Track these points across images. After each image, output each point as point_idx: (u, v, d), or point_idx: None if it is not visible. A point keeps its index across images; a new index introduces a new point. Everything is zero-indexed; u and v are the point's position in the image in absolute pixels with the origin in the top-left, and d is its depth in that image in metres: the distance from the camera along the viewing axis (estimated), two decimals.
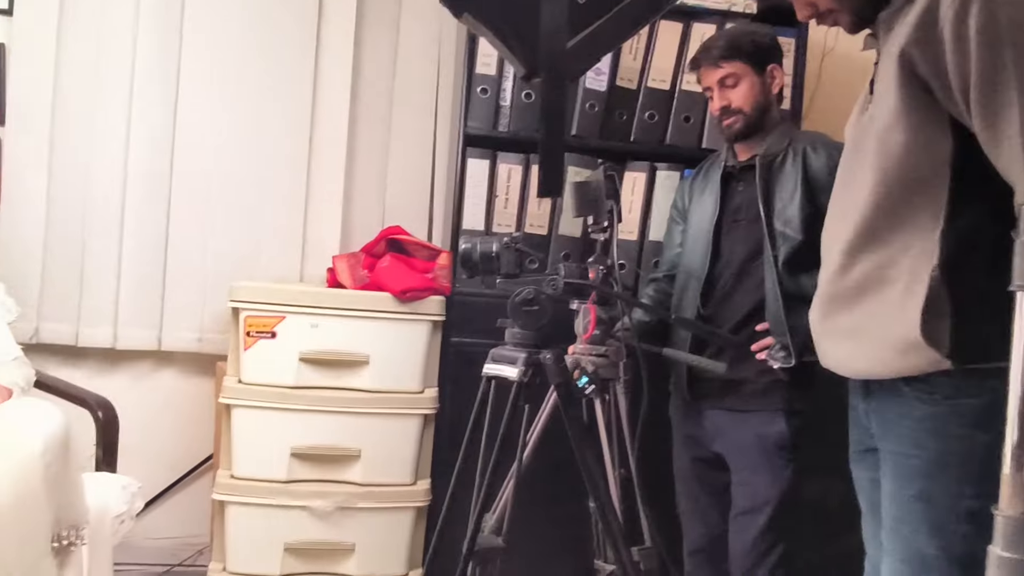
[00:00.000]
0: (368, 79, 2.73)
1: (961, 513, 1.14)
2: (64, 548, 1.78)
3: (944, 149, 1.17)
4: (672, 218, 2.23)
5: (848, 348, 1.29)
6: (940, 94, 1.15)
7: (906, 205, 1.20)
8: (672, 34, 2.42)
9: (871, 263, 1.23)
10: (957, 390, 1.16)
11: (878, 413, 1.28)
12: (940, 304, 1.14)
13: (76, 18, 2.58)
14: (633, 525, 1.84)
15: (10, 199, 2.57)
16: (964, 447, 1.15)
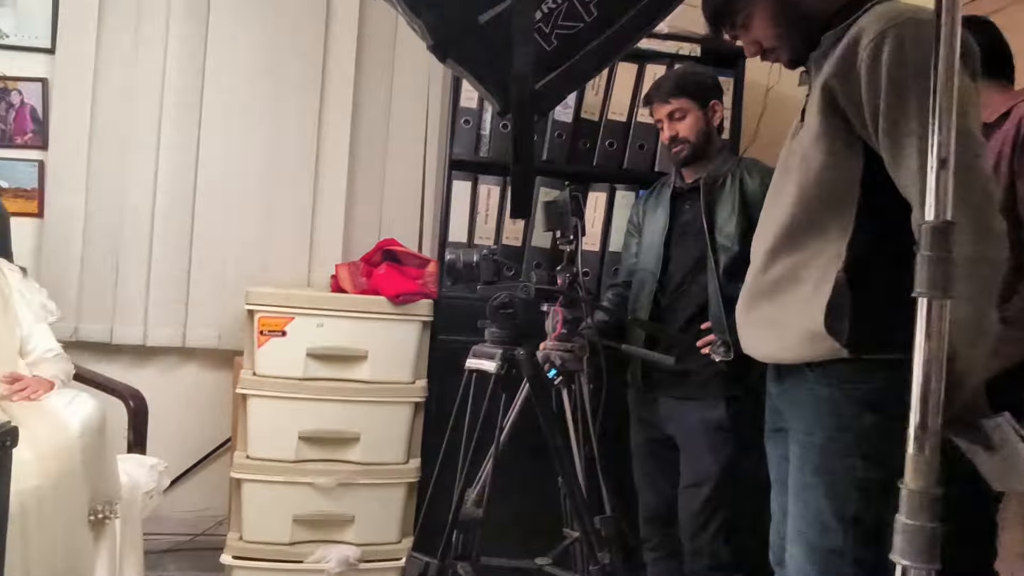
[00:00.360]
0: (367, 111, 2.73)
1: (853, 482, 1.16)
2: (100, 521, 1.78)
3: (856, 170, 1.18)
4: (629, 232, 2.24)
5: (763, 336, 1.30)
6: (855, 122, 1.17)
7: (820, 216, 1.21)
8: (628, 74, 2.44)
9: (787, 264, 1.24)
10: (852, 376, 1.17)
11: (787, 396, 1.29)
12: (843, 302, 1.15)
13: (111, 56, 2.57)
14: (595, 497, 1.85)
15: (52, 215, 2.56)
16: (856, 426, 1.16)
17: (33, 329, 1.98)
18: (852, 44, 1.15)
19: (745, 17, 1.31)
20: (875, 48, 1.12)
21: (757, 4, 1.28)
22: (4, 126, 2.58)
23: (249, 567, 2.14)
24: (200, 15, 2.62)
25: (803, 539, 1.22)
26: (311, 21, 2.67)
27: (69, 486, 1.63)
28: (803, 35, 1.28)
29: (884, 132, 1.12)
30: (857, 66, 1.14)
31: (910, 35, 1.10)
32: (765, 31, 1.30)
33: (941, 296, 0.84)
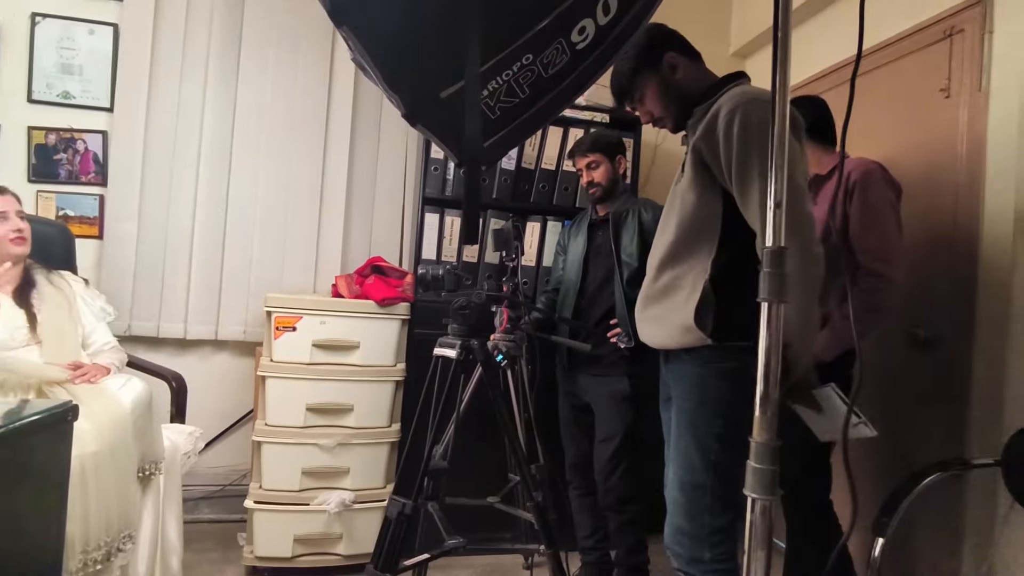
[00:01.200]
0: (360, 158, 2.69)
1: (714, 435, 1.20)
2: (147, 477, 1.71)
3: (717, 207, 1.22)
4: (557, 252, 2.26)
5: (654, 329, 1.32)
6: (716, 173, 1.21)
7: (694, 241, 1.25)
8: (556, 134, 2.46)
9: (671, 276, 1.27)
10: (715, 358, 1.21)
11: (671, 373, 1.32)
12: (708, 303, 1.19)
13: (158, 112, 2.47)
14: (532, 450, 1.85)
15: (110, 237, 2.44)
16: (717, 395, 1.21)
17: (94, 327, 1.89)
18: (713, 117, 1.19)
19: (640, 95, 1.35)
20: (728, 120, 1.16)
21: (648, 86, 1.33)
22: (71, 167, 2.46)
23: (267, 509, 2.07)
24: (231, 80, 2.55)
25: (678, 476, 1.25)
26: (317, 86, 2.61)
27: (122, 451, 1.55)
28: (681, 109, 1.33)
29: (735, 180, 1.16)
30: (717, 132, 1.18)
31: (753, 111, 1.14)
32: (654, 105, 1.34)
33: (777, 301, 0.86)
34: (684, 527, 1.22)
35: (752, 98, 1.17)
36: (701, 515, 1.20)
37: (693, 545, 1.20)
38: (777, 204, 0.87)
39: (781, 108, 0.86)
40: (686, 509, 1.22)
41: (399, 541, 1.51)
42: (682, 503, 1.23)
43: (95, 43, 2.48)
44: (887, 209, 1.61)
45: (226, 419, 2.56)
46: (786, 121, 0.87)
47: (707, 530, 1.19)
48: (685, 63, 1.33)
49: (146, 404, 1.67)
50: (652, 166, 2.82)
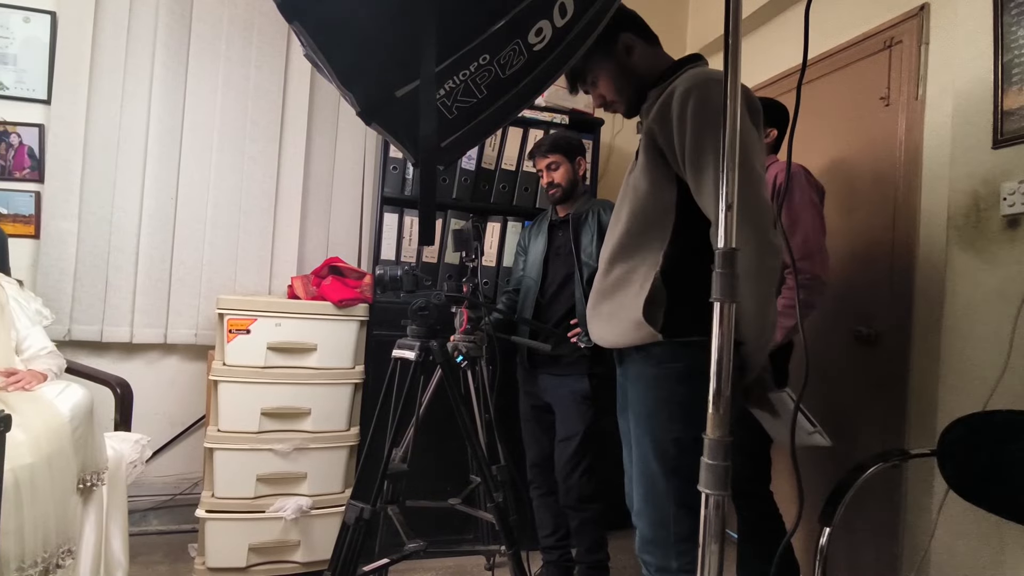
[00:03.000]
0: (316, 157, 2.63)
1: (671, 440, 1.14)
2: (88, 488, 1.62)
3: (671, 195, 1.15)
4: (517, 252, 2.25)
5: (604, 326, 1.24)
6: (669, 158, 1.14)
7: (646, 231, 1.18)
8: (516, 135, 2.46)
9: (622, 269, 1.20)
10: (667, 358, 1.14)
11: (625, 376, 1.26)
12: (659, 298, 1.12)
13: (100, 105, 2.36)
14: (493, 451, 1.84)
15: (48, 237, 2.31)
16: (670, 397, 1.14)
17: (29, 331, 1.79)
18: (667, 98, 1.14)
19: (593, 78, 1.30)
20: (683, 101, 1.10)
21: (602, 69, 1.28)
22: (4, 163, 2.32)
23: (220, 518, 2.00)
24: (179, 73, 2.45)
25: (639, 484, 1.20)
26: (272, 82, 2.54)
27: (59, 462, 1.47)
28: (635, 92, 1.27)
29: (688, 164, 1.10)
30: (671, 114, 1.12)
31: (709, 92, 1.09)
32: (607, 89, 1.29)
33: (729, 300, 0.86)
34: (650, 536, 1.17)
35: (707, 78, 1.11)
36: (666, 524, 1.14)
37: (661, 554, 1.15)
38: (729, 207, 0.87)
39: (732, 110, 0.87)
40: (650, 518, 1.17)
41: (357, 546, 1.48)
42: (646, 512, 1.18)
43: (31, 31, 2.35)
44: (810, 209, 1.67)
45: (176, 426, 2.46)
46: (737, 122, 0.86)
47: (673, 538, 1.14)
48: (641, 45, 1.26)
49: (86, 412, 1.59)
50: (608, 166, 2.85)
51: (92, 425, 1.62)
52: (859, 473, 1.30)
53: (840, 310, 2.06)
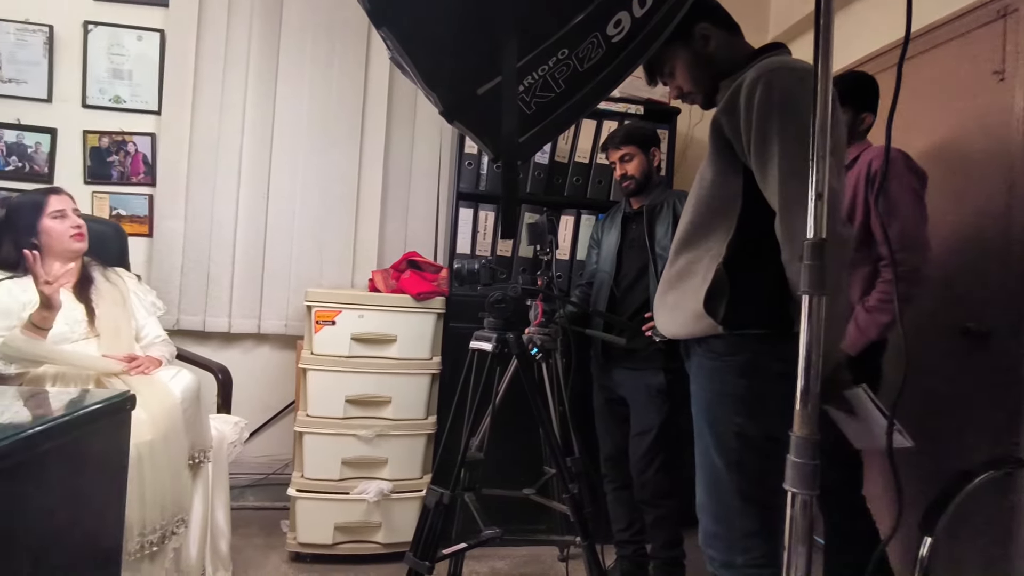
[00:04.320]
0: (395, 155, 2.73)
1: (732, 433, 1.13)
2: (196, 465, 1.78)
3: (737, 185, 1.14)
4: (591, 245, 2.25)
5: (669, 317, 1.24)
6: (736, 147, 1.13)
7: (710, 221, 1.17)
8: (589, 127, 2.44)
9: (686, 260, 1.20)
10: (726, 350, 1.14)
11: (690, 368, 1.26)
12: (720, 290, 1.11)
13: (202, 115, 2.56)
14: (567, 443, 1.86)
15: (159, 235, 2.54)
16: (731, 390, 1.13)
17: (146, 321, 1.97)
18: (737, 88, 1.13)
19: (670, 68, 1.29)
20: (751, 90, 1.09)
21: (679, 59, 1.26)
22: (123, 169, 2.57)
23: (308, 497, 2.13)
24: (270, 81, 2.62)
25: (702, 479, 1.20)
26: (353, 84, 2.66)
27: (174, 439, 1.62)
28: (712, 83, 1.26)
29: (754, 152, 1.09)
30: (738, 104, 1.11)
31: (778, 79, 1.07)
32: (684, 79, 1.28)
33: (818, 294, 0.84)
34: (713, 531, 1.16)
35: (779, 66, 1.09)
36: (730, 518, 1.13)
37: (725, 548, 1.14)
38: (819, 196, 0.85)
39: (824, 92, 0.84)
40: (713, 512, 1.16)
41: (437, 530, 1.53)
42: (709, 506, 1.17)
43: (143, 48, 2.57)
44: (909, 197, 1.57)
45: (269, 410, 2.64)
46: (828, 108, 0.83)
47: (738, 533, 1.12)
48: (719, 35, 1.24)
49: (195, 395, 1.74)
50: (685, 156, 2.78)
51: (200, 407, 1.77)
52: (966, 481, 1.21)
53: (945, 304, 1.92)
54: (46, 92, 2.54)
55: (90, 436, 1.02)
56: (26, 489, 0.84)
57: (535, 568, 2.20)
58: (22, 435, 0.83)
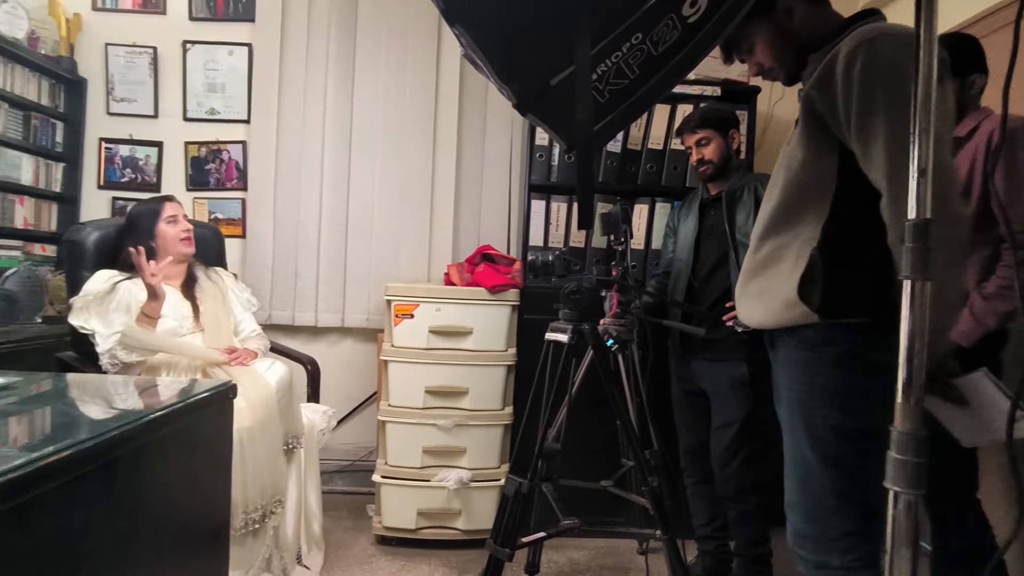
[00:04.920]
0: (467, 151, 2.77)
1: (828, 427, 1.07)
2: (290, 450, 1.89)
3: (831, 165, 1.08)
4: (667, 234, 2.19)
5: (753, 306, 1.19)
6: (831, 124, 1.07)
7: (800, 204, 1.11)
8: (663, 112, 2.38)
9: (773, 246, 1.14)
10: (820, 340, 1.08)
11: (776, 360, 1.20)
12: (816, 275, 1.06)
13: (287, 122, 2.71)
14: (645, 436, 1.83)
15: (251, 236, 2.72)
16: (825, 382, 1.07)
17: (243, 316, 2.12)
18: (831, 60, 1.05)
19: (750, 45, 1.22)
20: (849, 61, 1.01)
21: (759, 35, 1.20)
22: (219, 176, 2.77)
23: (392, 484, 2.22)
24: (347, 86, 2.73)
25: (792, 474, 1.14)
26: (425, 83, 2.72)
27: (270, 426, 1.74)
28: (796, 57, 1.18)
29: (855, 130, 1.01)
30: (834, 76, 1.03)
31: (880, 47, 0.99)
32: (765, 56, 1.21)
33: (922, 278, 0.79)
34: (805, 530, 1.11)
35: (879, 33, 1.00)
36: (824, 517, 1.08)
37: (818, 548, 1.09)
38: (922, 172, 0.79)
39: (927, 60, 0.77)
40: (805, 510, 1.11)
41: (517, 518, 1.56)
42: (800, 504, 1.12)
43: (234, 62, 2.76)
44: None
45: (353, 400, 2.77)
46: (932, 74, 0.77)
47: (833, 533, 1.07)
48: (804, 7, 1.16)
49: (288, 385, 1.86)
50: (766, 137, 2.65)
51: (292, 396, 1.89)
52: None
53: None
54: (152, 108, 2.77)
55: (200, 422, 1.11)
56: (149, 468, 0.93)
57: (614, 560, 2.19)
58: (144, 419, 0.91)
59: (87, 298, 1.77)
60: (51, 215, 2.71)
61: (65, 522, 0.74)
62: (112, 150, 2.78)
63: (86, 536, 0.79)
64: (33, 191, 2.59)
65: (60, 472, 0.71)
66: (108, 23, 2.76)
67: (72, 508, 0.75)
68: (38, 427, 0.93)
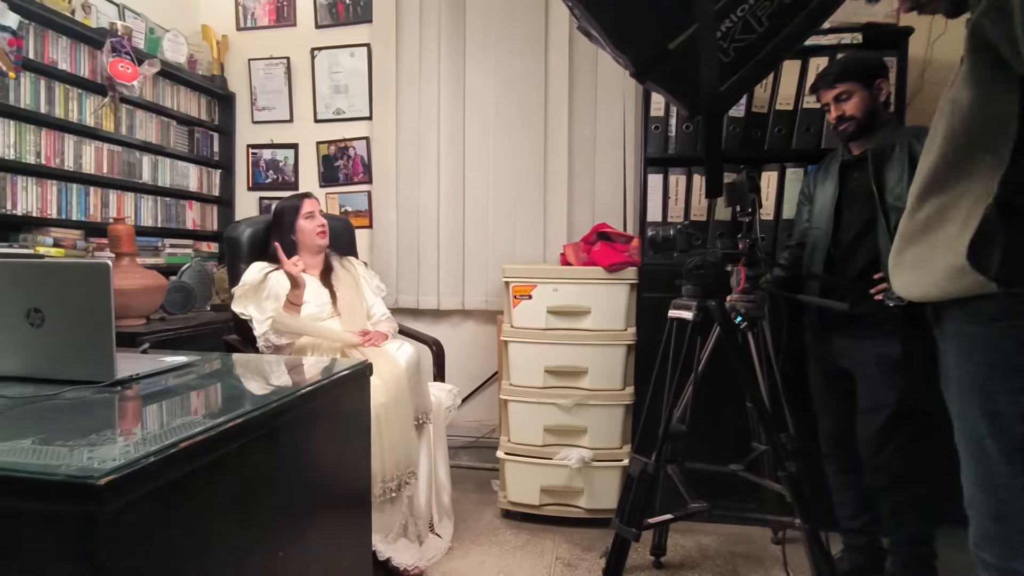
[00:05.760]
0: (578, 128, 2.74)
1: (1017, 413, 0.92)
2: (420, 425, 2.01)
3: (1010, 103, 0.90)
4: (800, 201, 2.02)
5: (912, 277, 1.03)
6: (1010, 56, 0.88)
7: (968, 155, 0.94)
8: (793, 69, 2.17)
9: (935, 206, 0.98)
10: (1003, 313, 0.91)
11: (944, 337, 1.04)
12: (991, 237, 0.89)
13: (405, 117, 2.84)
14: (779, 419, 1.72)
15: (377, 226, 2.91)
16: (1010, 361, 0.91)
17: (374, 301, 2.28)
18: None
19: None
20: None
21: None
22: (347, 171, 2.98)
23: (515, 460, 2.28)
24: (459, 75, 2.80)
25: (970, 469, 1.00)
26: (534, 64, 2.72)
27: (402, 402, 1.86)
28: None
29: None
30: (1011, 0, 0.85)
31: None
32: None
33: None
34: (990, 531, 0.97)
35: None
36: (1011, 516, 0.94)
37: (1006, 554, 0.95)
38: None
39: None
40: (987, 508, 0.97)
41: (642, 499, 1.54)
42: (981, 501, 0.98)
43: (355, 64, 2.93)
44: None
45: (475, 379, 2.88)
46: None
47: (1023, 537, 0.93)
48: None
49: (416, 364, 1.97)
50: (922, 84, 2.33)
51: (420, 375, 2.00)
52: None
53: None
54: (288, 114, 3.04)
55: (342, 397, 1.22)
56: (303, 436, 1.04)
57: (745, 548, 2.09)
58: (298, 393, 1.02)
59: (245, 287, 1.99)
60: (213, 216, 3.08)
61: (242, 479, 0.85)
62: (257, 155, 3.09)
63: (259, 494, 0.90)
64: (198, 196, 2.96)
65: (236, 436, 0.82)
66: (249, 41, 3.06)
67: (246, 468, 0.86)
68: (213, 399, 1.07)
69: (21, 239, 2.16)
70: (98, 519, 0.60)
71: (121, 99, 2.47)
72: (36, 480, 0.62)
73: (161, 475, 0.67)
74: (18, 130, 2.13)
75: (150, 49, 2.64)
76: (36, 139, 2.20)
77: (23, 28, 2.09)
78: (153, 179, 2.69)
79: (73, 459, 0.66)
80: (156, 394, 1.03)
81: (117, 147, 2.52)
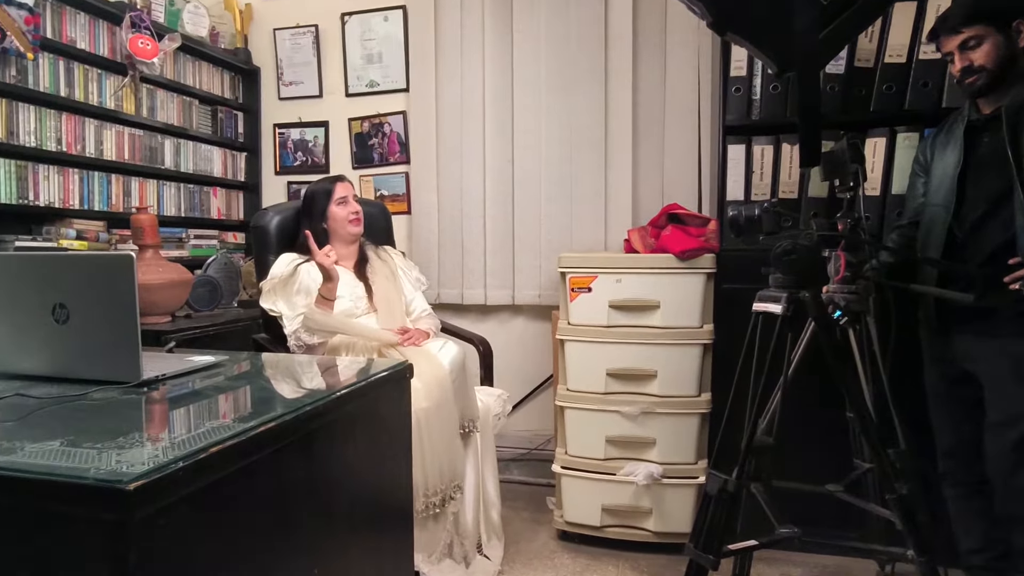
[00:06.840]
0: (644, 93, 2.70)
1: None
2: (467, 434, 2.03)
3: None
4: (915, 172, 1.92)
5: None
6: None
7: None
8: (906, 14, 2.06)
9: None
10: None
11: None
12: None
13: (445, 89, 2.88)
14: (888, 432, 1.65)
15: (416, 211, 2.96)
16: None
17: (413, 296, 2.31)
18: None
19: None
20: None
21: None
22: (382, 151, 3.04)
23: (574, 476, 2.28)
24: (505, 43, 2.81)
25: None
26: (592, 29, 2.70)
27: (446, 407, 1.88)
28: None
29: None
30: None
31: None
32: None
33: None
34: None
35: None
36: None
37: None
38: None
39: None
40: None
41: (721, 521, 1.51)
42: None
43: (389, 29, 2.99)
44: None
45: (527, 383, 2.89)
46: None
47: None
48: None
49: (461, 366, 1.99)
50: None
51: (466, 378, 2.02)
52: None
53: None
54: (317, 88, 3.13)
55: (381, 399, 1.25)
56: (339, 442, 1.07)
57: None
58: (333, 396, 1.05)
59: (273, 281, 2.06)
60: (239, 203, 3.21)
61: (276, 488, 0.89)
62: (284, 135, 3.19)
63: (292, 502, 0.93)
64: (223, 182, 3.09)
65: (268, 442, 0.85)
66: (274, 8, 3.16)
67: (279, 475, 0.90)
68: (242, 403, 1.12)
69: (45, 231, 2.31)
70: (127, 524, 0.63)
71: (141, 78, 2.59)
72: (65, 483, 0.66)
73: (191, 481, 0.71)
74: (38, 115, 2.28)
75: (170, 23, 2.77)
76: (57, 124, 2.35)
77: (39, 5, 2.22)
78: (175, 164, 2.82)
79: (102, 462, 0.71)
80: (184, 396, 1.09)
81: (139, 131, 2.65)
